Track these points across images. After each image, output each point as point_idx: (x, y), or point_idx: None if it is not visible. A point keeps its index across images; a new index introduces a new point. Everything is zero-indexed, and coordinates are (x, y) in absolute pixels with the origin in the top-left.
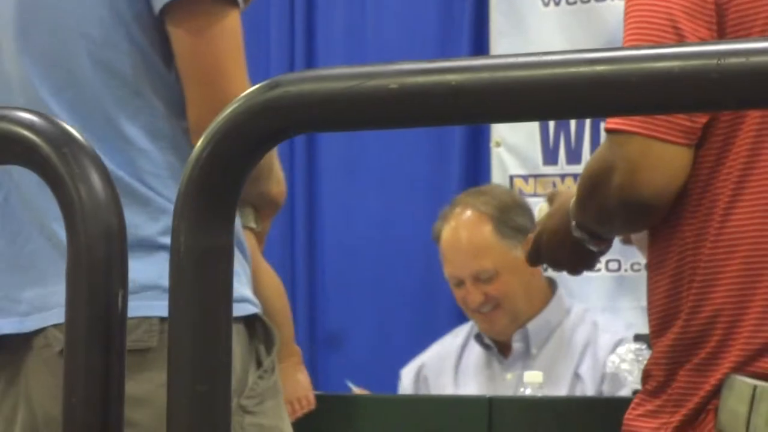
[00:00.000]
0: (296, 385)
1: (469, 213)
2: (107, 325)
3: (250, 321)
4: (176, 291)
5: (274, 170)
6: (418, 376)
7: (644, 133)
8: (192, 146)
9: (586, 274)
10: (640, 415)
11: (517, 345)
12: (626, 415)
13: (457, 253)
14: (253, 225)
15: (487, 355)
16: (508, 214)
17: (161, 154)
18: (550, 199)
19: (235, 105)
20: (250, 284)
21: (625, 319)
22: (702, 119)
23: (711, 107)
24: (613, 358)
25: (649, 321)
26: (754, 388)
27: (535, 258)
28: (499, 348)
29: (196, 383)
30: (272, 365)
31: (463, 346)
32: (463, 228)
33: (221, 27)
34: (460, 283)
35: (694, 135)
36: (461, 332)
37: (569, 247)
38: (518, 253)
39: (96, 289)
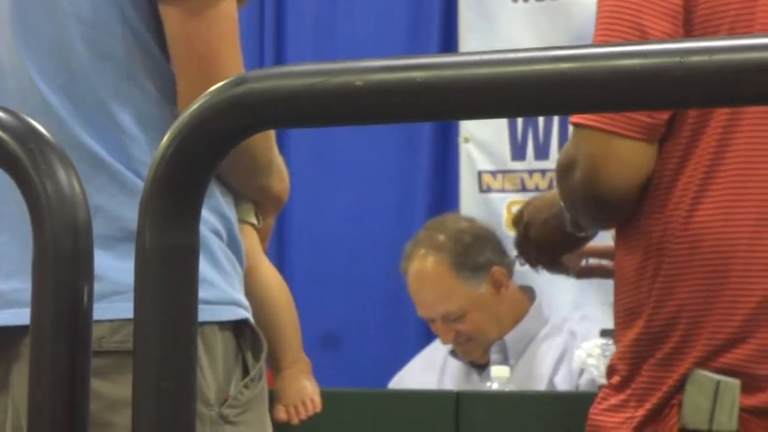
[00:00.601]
0: (301, 389)
1: (430, 258)
2: (73, 321)
3: (238, 326)
4: (141, 289)
5: (276, 165)
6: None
7: (604, 128)
8: None
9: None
10: (604, 410)
11: (495, 357)
12: (591, 410)
13: (422, 298)
14: (253, 221)
15: (466, 368)
16: (468, 256)
17: (152, 142)
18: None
19: (201, 102)
20: (243, 285)
21: (592, 315)
22: (663, 116)
23: (675, 105)
24: (580, 353)
25: (615, 316)
26: (718, 383)
27: (523, 248)
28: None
29: (162, 380)
30: (259, 374)
31: (446, 356)
32: (425, 275)
33: (216, 10)
34: (431, 320)
35: (655, 131)
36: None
37: (560, 233)
38: (483, 288)
39: (62, 285)
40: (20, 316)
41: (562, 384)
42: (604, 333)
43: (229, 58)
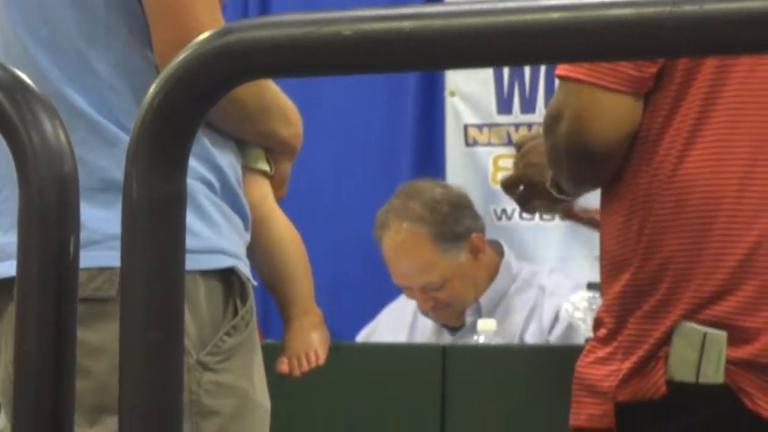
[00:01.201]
0: (307, 341)
1: (405, 230)
2: (59, 272)
3: (226, 275)
4: (128, 238)
5: (281, 110)
6: (372, 333)
7: (590, 81)
8: None
9: (540, 223)
10: (591, 363)
11: (470, 319)
12: (578, 363)
13: (400, 269)
14: (263, 167)
15: (437, 327)
16: (446, 226)
17: (132, 91)
18: (519, 145)
19: (188, 51)
20: (241, 234)
21: (579, 267)
22: (651, 69)
23: (665, 54)
24: (567, 306)
25: (601, 269)
26: (704, 335)
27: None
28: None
29: (149, 330)
30: (245, 322)
31: (416, 312)
32: (403, 247)
33: None
34: (408, 289)
35: (642, 84)
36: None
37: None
38: (462, 257)
39: (48, 236)
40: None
41: (532, 340)
42: (591, 286)
43: (201, 5)
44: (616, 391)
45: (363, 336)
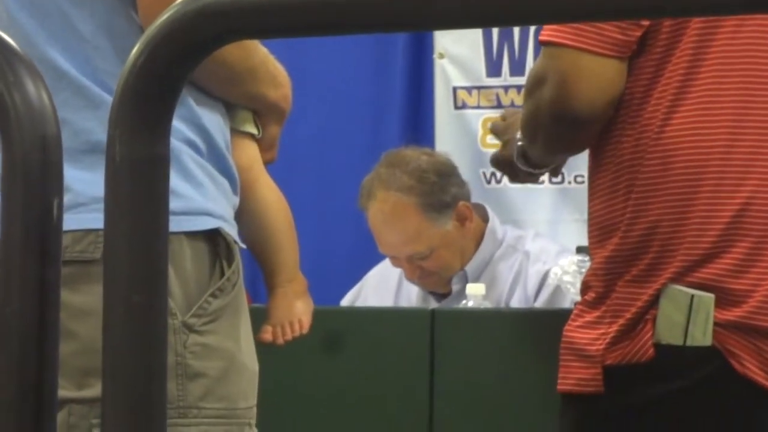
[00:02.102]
0: (291, 309)
1: (392, 200)
2: (43, 234)
3: (212, 236)
4: (112, 200)
5: (265, 72)
6: (358, 295)
7: (575, 45)
8: None
9: (529, 186)
10: (579, 326)
11: (456, 287)
12: (566, 326)
13: (387, 239)
14: (251, 130)
15: (423, 293)
16: (434, 195)
17: (116, 52)
18: (504, 117)
19: (170, 12)
20: (229, 197)
21: (568, 231)
22: (636, 32)
23: (650, 14)
24: (556, 269)
25: (589, 233)
26: (692, 297)
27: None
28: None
29: (133, 293)
30: (231, 284)
31: (402, 277)
32: (390, 218)
33: None
34: (395, 258)
35: (627, 48)
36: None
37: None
38: (449, 225)
39: (32, 198)
40: None
41: (517, 306)
42: (580, 250)
43: None
44: (604, 354)
45: (348, 299)
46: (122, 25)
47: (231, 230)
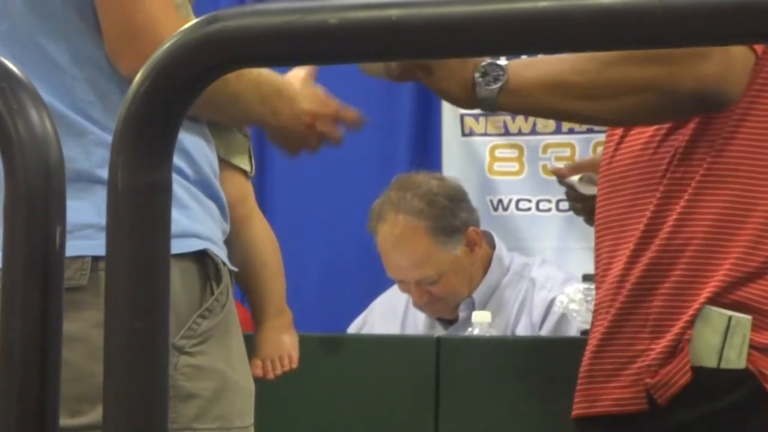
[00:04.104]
0: (279, 344)
1: (402, 223)
2: (45, 262)
3: (200, 258)
4: (113, 228)
5: (260, 94)
6: (364, 323)
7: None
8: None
9: (536, 214)
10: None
11: (463, 314)
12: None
13: (396, 263)
14: (244, 166)
15: (430, 320)
16: (444, 219)
17: (92, 82)
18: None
19: (174, 40)
20: (217, 220)
21: (575, 258)
22: None
23: (656, 44)
24: (562, 298)
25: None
26: (729, 318)
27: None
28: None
29: (134, 321)
30: (220, 304)
31: (408, 304)
32: (400, 242)
33: None
34: (402, 282)
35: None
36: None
37: None
38: (459, 250)
39: (34, 226)
40: None
41: (522, 334)
42: (586, 278)
43: None
44: (645, 375)
45: (354, 327)
46: (97, 53)
47: (219, 252)
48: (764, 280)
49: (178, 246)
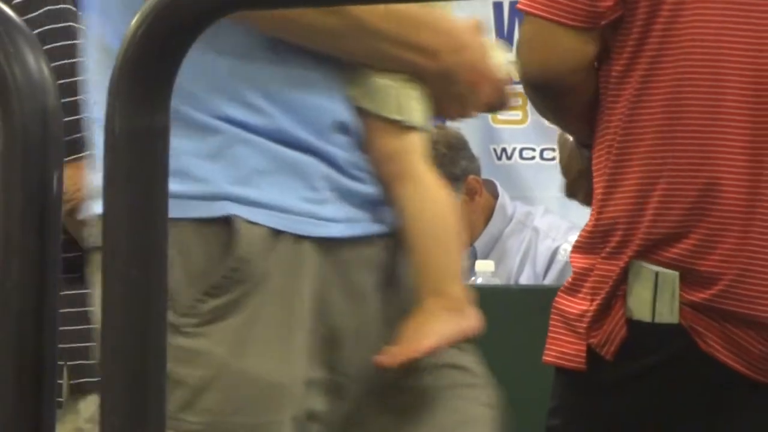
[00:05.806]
0: (418, 333)
1: None
2: (43, 207)
3: (230, 223)
4: (110, 172)
5: (416, 21)
6: None
7: (537, 13)
8: None
9: (540, 162)
10: (570, 300)
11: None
12: (558, 296)
13: None
14: (394, 116)
15: None
16: (443, 167)
17: None
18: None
19: None
20: (304, 178)
21: (578, 207)
22: (605, 2)
23: None
24: (566, 246)
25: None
26: (656, 274)
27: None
28: None
29: (131, 267)
30: (231, 282)
31: None
32: None
33: None
34: None
35: (598, 17)
36: None
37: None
38: (458, 199)
39: (31, 171)
40: None
41: (526, 283)
42: None
43: None
44: (588, 332)
45: None
46: None
47: (266, 218)
48: (685, 239)
49: (198, 209)
